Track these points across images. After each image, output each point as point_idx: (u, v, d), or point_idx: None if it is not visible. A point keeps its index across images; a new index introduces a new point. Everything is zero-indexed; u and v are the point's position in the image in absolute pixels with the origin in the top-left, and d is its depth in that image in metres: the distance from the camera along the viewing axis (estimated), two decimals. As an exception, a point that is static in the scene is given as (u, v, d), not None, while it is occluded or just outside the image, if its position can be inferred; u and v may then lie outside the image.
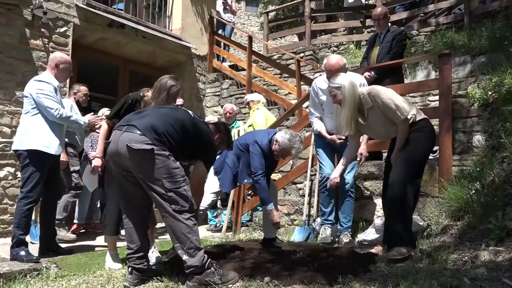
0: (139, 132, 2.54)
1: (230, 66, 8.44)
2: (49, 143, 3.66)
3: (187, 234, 2.48)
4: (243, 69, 7.95)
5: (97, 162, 3.47)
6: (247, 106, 6.22)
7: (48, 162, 3.69)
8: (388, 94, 3.08)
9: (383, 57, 4.76)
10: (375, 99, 3.07)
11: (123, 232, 3.18)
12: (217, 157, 3.58)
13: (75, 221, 5.34)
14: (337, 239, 3.93)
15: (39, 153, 3.59)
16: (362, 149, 3.94)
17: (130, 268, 2.70)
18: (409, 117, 2.96)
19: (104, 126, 3.46)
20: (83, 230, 5.36)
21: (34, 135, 3.61)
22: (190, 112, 2.92)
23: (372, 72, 4.73)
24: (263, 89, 7.51)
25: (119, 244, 3.54)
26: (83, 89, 5.03)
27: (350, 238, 3.87)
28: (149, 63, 7.53)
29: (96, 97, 6.88)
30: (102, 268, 3.19)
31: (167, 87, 3.17)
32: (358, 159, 3.95)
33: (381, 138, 3.55)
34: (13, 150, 3.78)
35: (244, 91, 7.54)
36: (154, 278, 2.69)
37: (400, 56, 4.80)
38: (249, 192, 5.08)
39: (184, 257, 2.48)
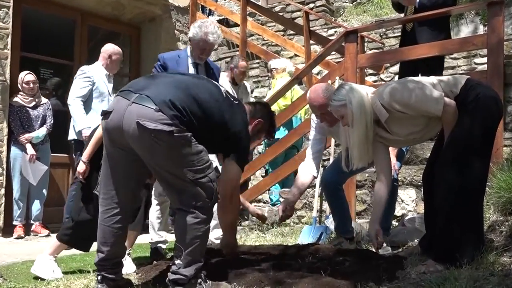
0: (154, 107, 2.38)
1: (219, 21, 8.38)
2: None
3: (194, 240, 2.49)
4: (236, 25, 7.90)
5: (81, 167, 3.45)
6: (270, 74, 6.38)
7: None
8: (403, 90, 2.82)
9: None
10: (390, 106, 2.83)
11: None
12: None
13: (16, 222, 5.41)
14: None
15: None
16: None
17: (100, 277, 2.72)
18: (447, 101, 2.70)
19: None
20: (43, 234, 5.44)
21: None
22: (222, 87, 2.80)
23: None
24: (261, 50, 7.48)
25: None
26: (242, 64, 5.29)
27: (387, 245, 3.65)
28: (114, 17, 7.45)
29: (47, 61, 6.85)
30: (59, 278, 3.23)
31: None
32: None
33: (423, 140, 3.35)
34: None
35: (237, 52, 7.50)
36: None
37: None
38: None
39: (177, 261, 2.50)
